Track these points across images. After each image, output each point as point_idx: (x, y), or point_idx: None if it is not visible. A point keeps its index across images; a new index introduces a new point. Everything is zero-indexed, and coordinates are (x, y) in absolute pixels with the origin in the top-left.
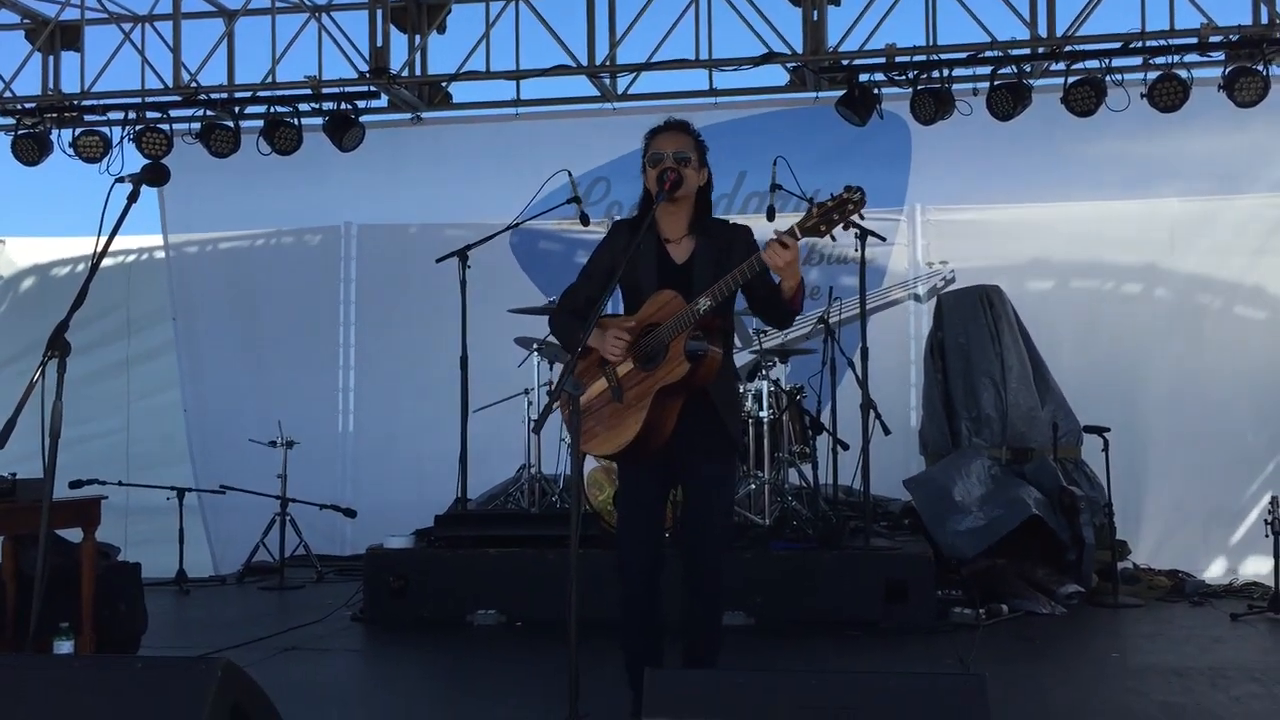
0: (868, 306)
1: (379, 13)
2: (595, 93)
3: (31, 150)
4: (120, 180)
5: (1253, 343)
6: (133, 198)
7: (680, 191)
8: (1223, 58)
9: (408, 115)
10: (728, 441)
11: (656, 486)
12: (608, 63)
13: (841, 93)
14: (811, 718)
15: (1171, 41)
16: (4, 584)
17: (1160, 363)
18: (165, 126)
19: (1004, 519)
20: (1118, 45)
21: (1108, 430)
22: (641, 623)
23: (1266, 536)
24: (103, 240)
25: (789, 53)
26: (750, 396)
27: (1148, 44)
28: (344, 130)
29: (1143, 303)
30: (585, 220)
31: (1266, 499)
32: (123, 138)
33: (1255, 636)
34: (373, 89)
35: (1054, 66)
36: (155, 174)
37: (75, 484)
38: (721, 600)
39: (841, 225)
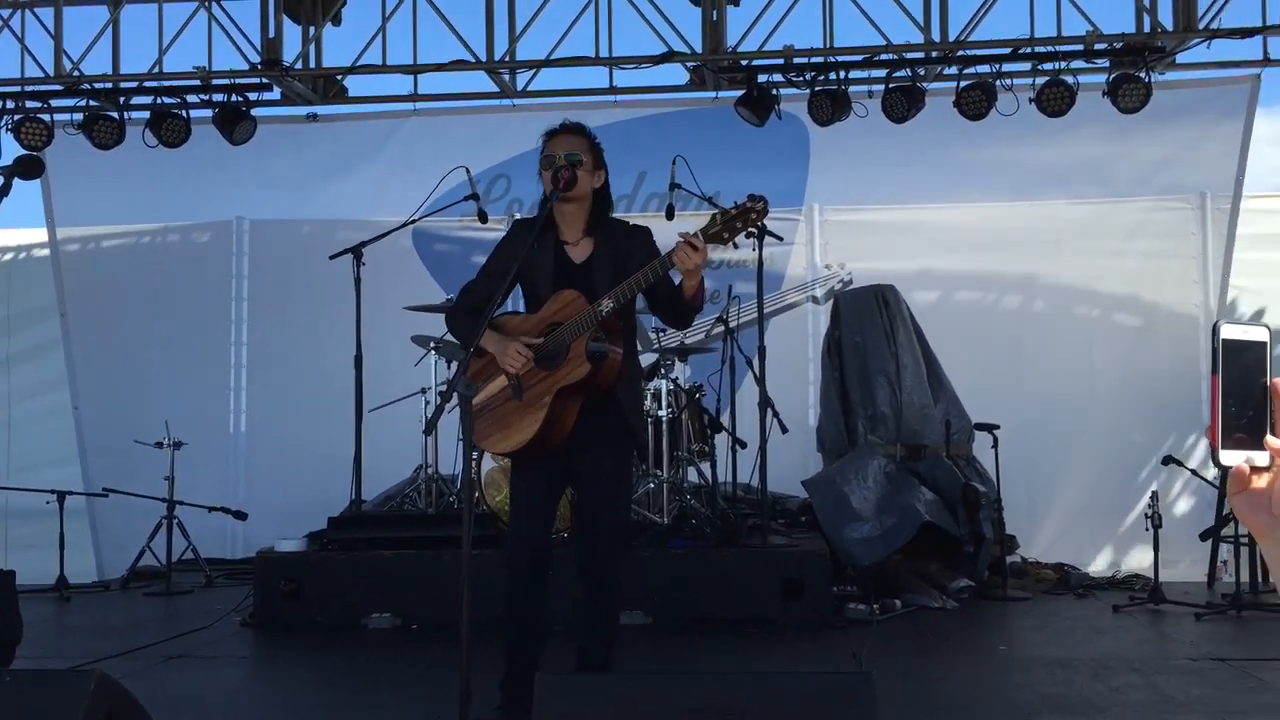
0: (766, 310)
1: (271, 2)
2: (495, 89)
3: None
4: None
5: (1131, 347)
6: (3, 191)
7: (574, 192)
8: (1108, 64)
9: (301, 110)
10: (629, 437)
11: (548, 485)
12: (507, 58)
13: (741, 93)
14: (699, 713)
15: (1059, 48)
16: None
17: (1045, 365)
18: (46, 116)
19: (897, 529)
20: (1007, 50)
21: (997, 428)
22: (524, 621)
23: (1147, 530)
24: None
25: (689, 52)
26: (650, 395)
27: (1036, 49)
28: (234, 123)
29: (1029, 305)
30: (484, 217)
31: (1148, 495)
32: (0, 128)
33: (1135, 627)
34: (265, 81)
35: (947, 70)
36: (27, 168)
37: None
38: (618, 598)
39: (744, 234)
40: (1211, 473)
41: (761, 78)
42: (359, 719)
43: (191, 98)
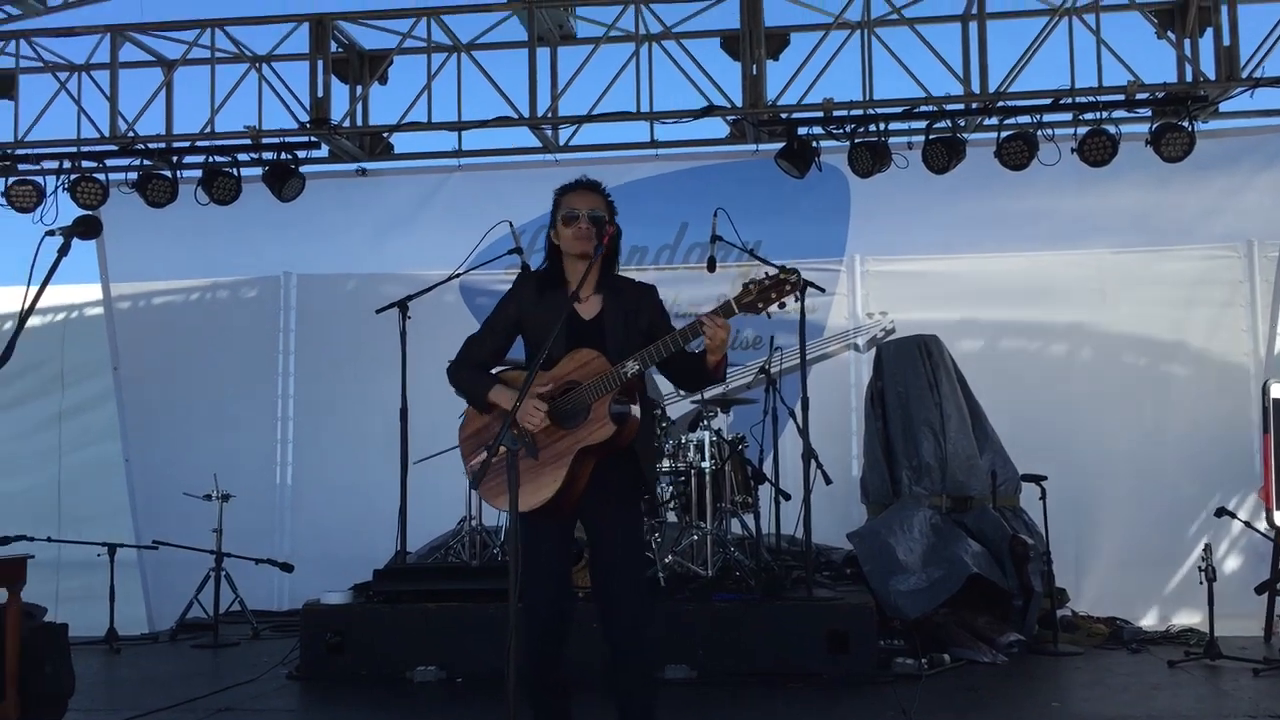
0: (808, 357)
1: (320, 63)
2: (538, 144)
3: None
4: (51, 233)
5: (1181, 397)
6: (63, 251)
7: (590, 245)
8: (1149, 114)
9: (349, 166)
10: (640, 486)
11: (561, 543)
12: (549, 114)
13: (781, 145)
14: None
15: (1100, 98)
16: None
17: (1092, 415)
18: (101, 176)
19: (945, 580)
20: (1048, 101)
21: (1045, 479)
22: (546, 677)
23: (1200, 584)
24: (32, 295)
25: (729, 106)
26: (692, 446)
27: (1077, 100)
28: (284, 180)
29: (1076, 355)
30: (527, 270)
31: (1200, 547)
32: (57, 187)
33: (1192, 683)
34: (313, 139)
35: (987, 121)
36: (87, 227)
37: (2, 540)
38: (651, 652)
39: (778, 305)
40: (1264, 525)
41: (801, 130)
42: None
43: (242, 156)
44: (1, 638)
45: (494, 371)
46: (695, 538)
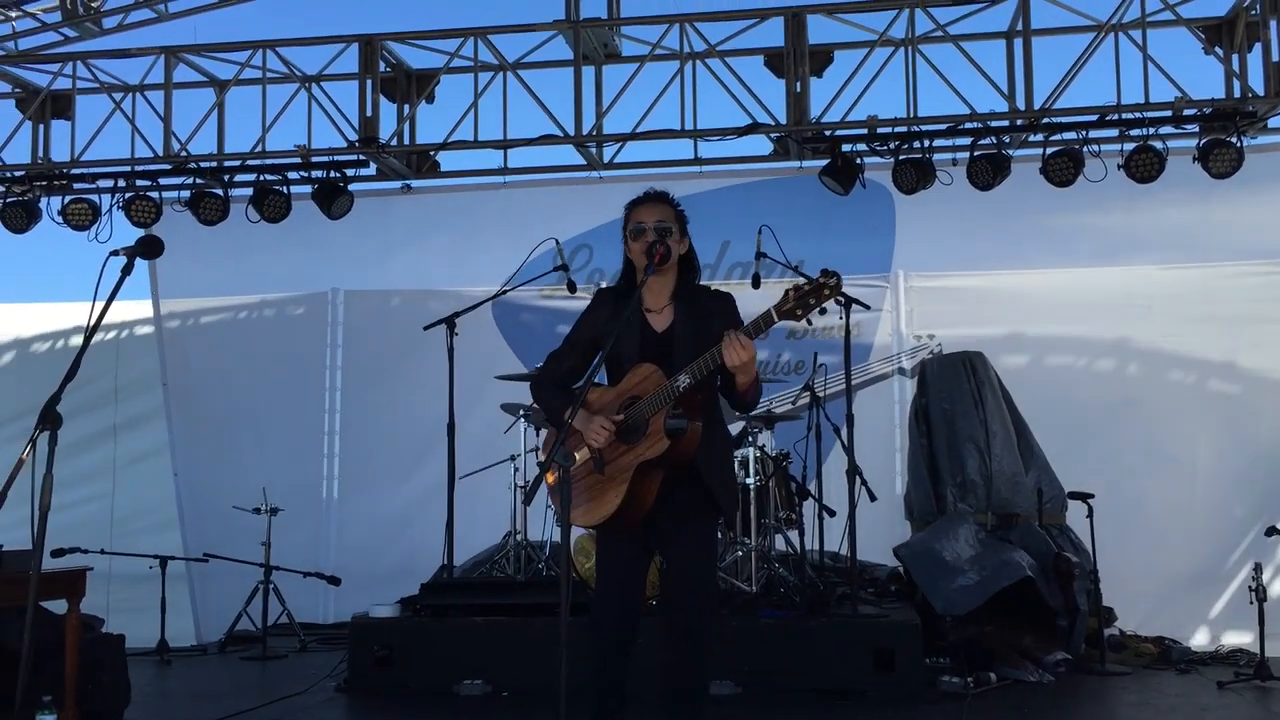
0: (855, 381)
1: (369, 83)
2: (582, 161)
3: (20, 218)
4: (115, 253)
5: (1230, 415)
6: (127, 271)
7: (666, 263)
8: (1197, 130)
9: (396, 184)
10: (711, 506)
11: (633, 553)
12: (594, 132)
13: (825, 162)
14: None
15: (1146, 114)
16: None
17: (1139, 432)
18: (155, 194)
19: (998, 575)
20: (1094, 118)
21: (1092, 496)
22: (610, 688)
23: (1251, 603)
24: (96, 313)
25: (773, 123)
26: (737, 463)
27: (1123, 116)
28: (333, 198)
29: (1122, 371)
30: (572, 287)
31: (1249, 567)
32: (112, 205)
33: (1242, 705)
34: (362, 158)
35: (1032, 138)
36: (149, 247)
37: (58, 552)
38: (705, 668)
39: (818, 310)
40: None
41: (846, 147)
42: None
43: (292, 174)
44: (61, 648)
45: (575, 388)
46: (739, 554)
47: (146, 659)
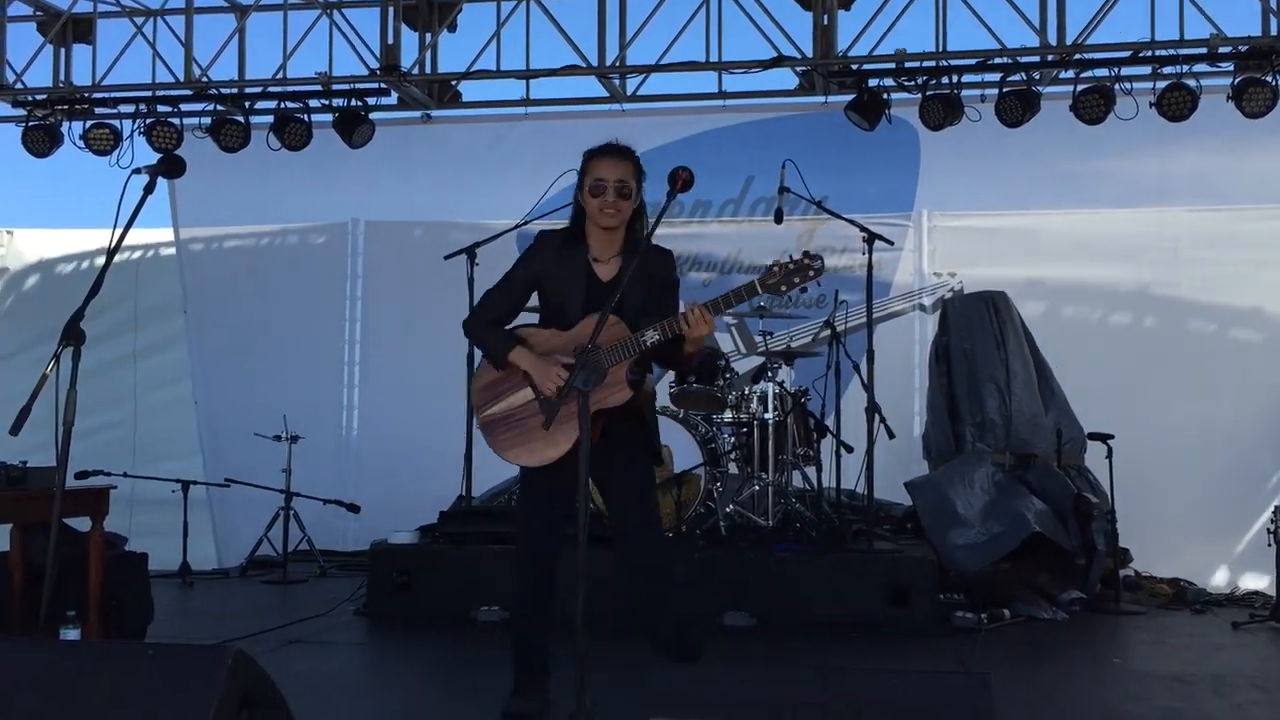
0: (874, 316)
1: (390, 10)
2: (605, 93)
3: (42, 142)
4: (137, 172)
5: (1253, 360)
6: (149, 189)
7: (616, 221)
8: (1232, 68)
9: (417, 113)
10: (652, 446)
11: (556, 495)
12: (617, 64)
13: (851, 97)
14: (817, 715)
15: (1181, 51)
16: (11, 572)
17: (1160, 376)
18: (176, 120)
19: (1004, 536)
20: (1127, 54)
21: (1111, 437)
22: (534, 621)
23: (1269, 545)
24: (119, 231)
25: (799, 56)
26: (755, 398)
27: (1157, 53)
28: (354, 127)
29: (1144, 312)
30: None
31: (1269, 511)
32: (133, 131)
33: (1256, 645)
34: (383, 86)
35: (1063, 74)
36: (171, 166)
37: (81, 475)
38: (673, 601)
39: (800, 289)
40: None
41: (872, 82)
42: (471, 706)
43: (313, 102)
44: (85, 564)
45: (512, 328)
46: (756, 489)
47: (169, 580)
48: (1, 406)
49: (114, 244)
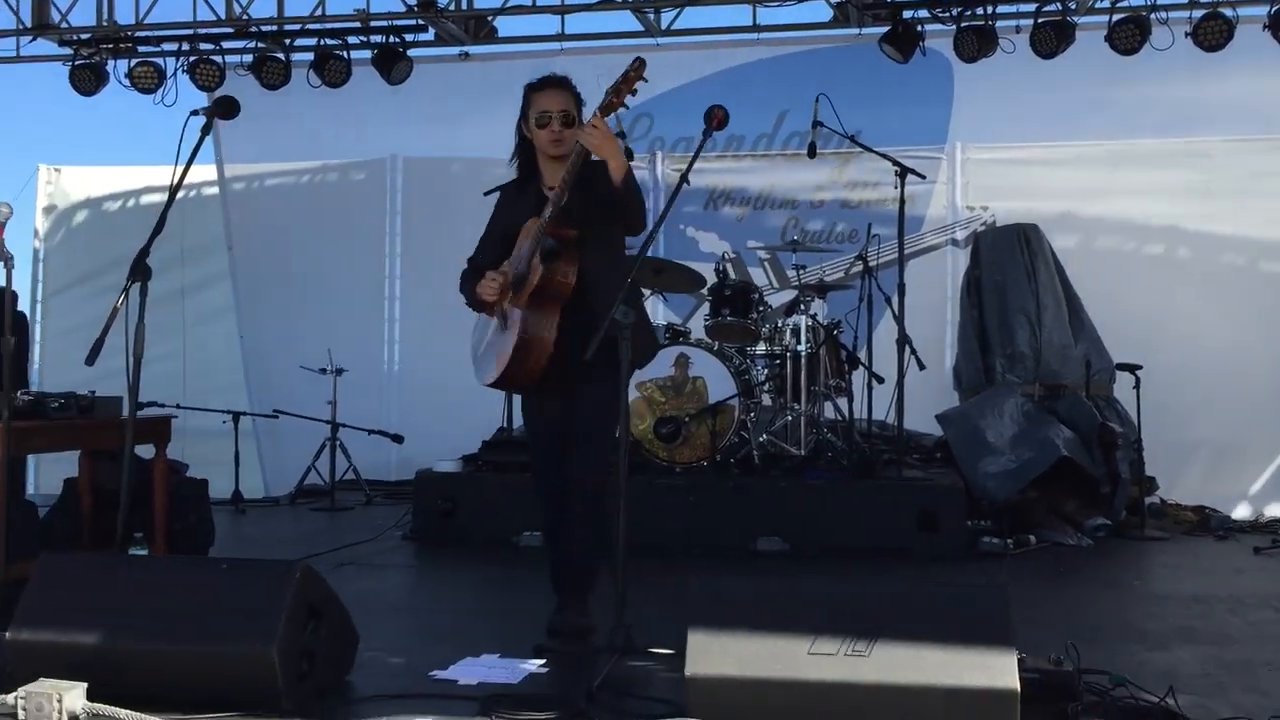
0: (907, 250)
1: None
2: (639, 28)
3: (89, 80)
4: (195, 113)
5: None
6: (206, 129)
7: (564, 150)
8: None
9: (454, 50)
10: (612, 360)
11: (555, 424)
12: None
13: (885, 29)
14: (845, 621)
15: None
16: (81, 496)
17: (1190, 308)
18: (218, 58)
19: (1034, 461)
20: None
21: (1139, 368)
22: (552, 533)
23: None
24: (179, 170)
25: None
26: (788, 331)
27: None
28: (392, 64)
29: (1177, 244)
30: (630, 155)
31: None
32: (176, 69)
33: (1276, 569)
34: (420, 23)
35: (1099, 4)
36: (227, 107)
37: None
38: (596, 520)
39: (629, 90)
40: None
41: (906, 14)
42: (515, 624)
43: (351, 39)
44: (150, 490)
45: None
46: (789, 419)
47: (221, 508)
48: (57, 338)
49: (175, 183)
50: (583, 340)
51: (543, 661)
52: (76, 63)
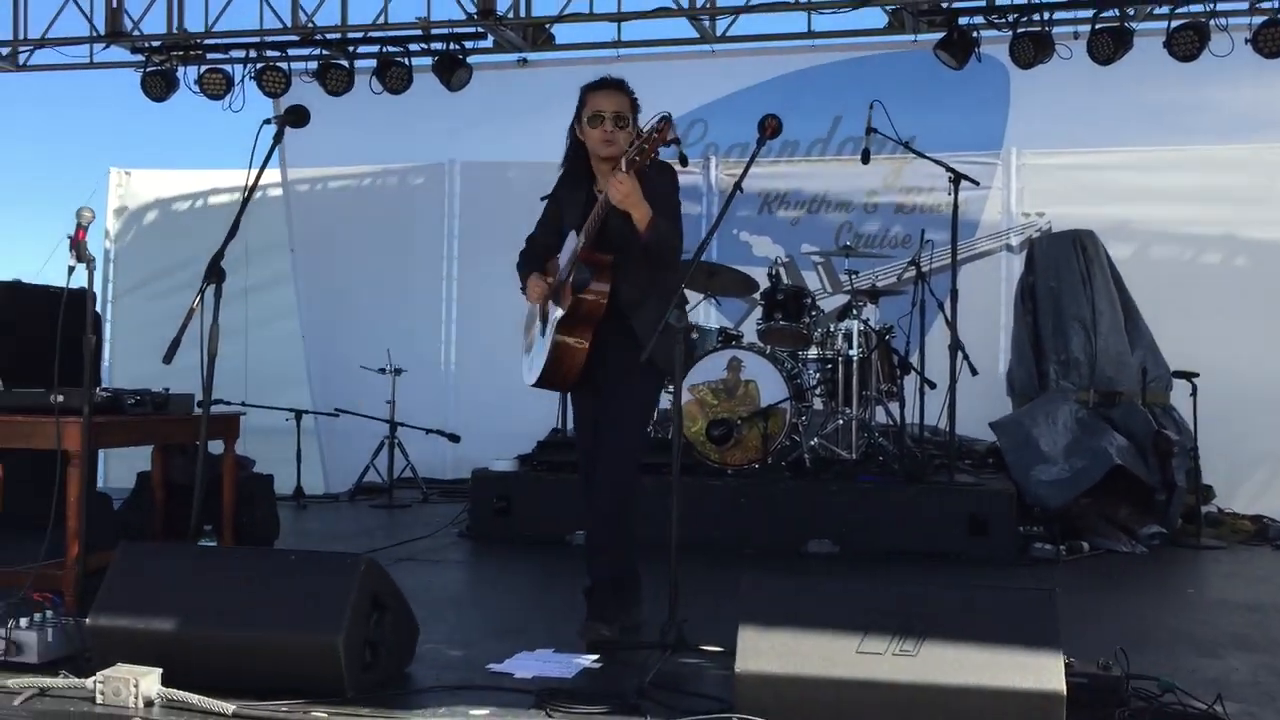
0: (961, 256)
1: None
2: (695, 34)
3: (160, 86)
4: (267, 122)
5: None
6: (278, 138)
7: (615, 151)
8: None
9: (512, 56)
10: (637, 362)
11: (590, 411)
12: (708, 5)
13: (940, 35)
14: (892, 622)
15: None
16: (154, 489)
17: (1249, 316)
18: (284, 65)
19: (1087, 470)
20: None
21: (1196, 375)
22: None
23: None
24: (253, 174)
25: None
26: (840, 335)
27: None
28: (452, 71)
29: (1235, 253)
30: (684, 161)
31: None
32: (244, 76)
33: None
34: (480, 30)
35: (1157, 10)
36: (297, 116)
37: (201, 404)
38: (620, 522)
39: (653, 150)
40: None
41: (962, 20)
42: (569, 619)
43: (413, 47)
44: (219, 484)
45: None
46: (840, 423)
47: (284, 504)
48: (128, 335)
49: (248, 188)
50: (617, 345)
51: (596, 657)
52: (148, 69)
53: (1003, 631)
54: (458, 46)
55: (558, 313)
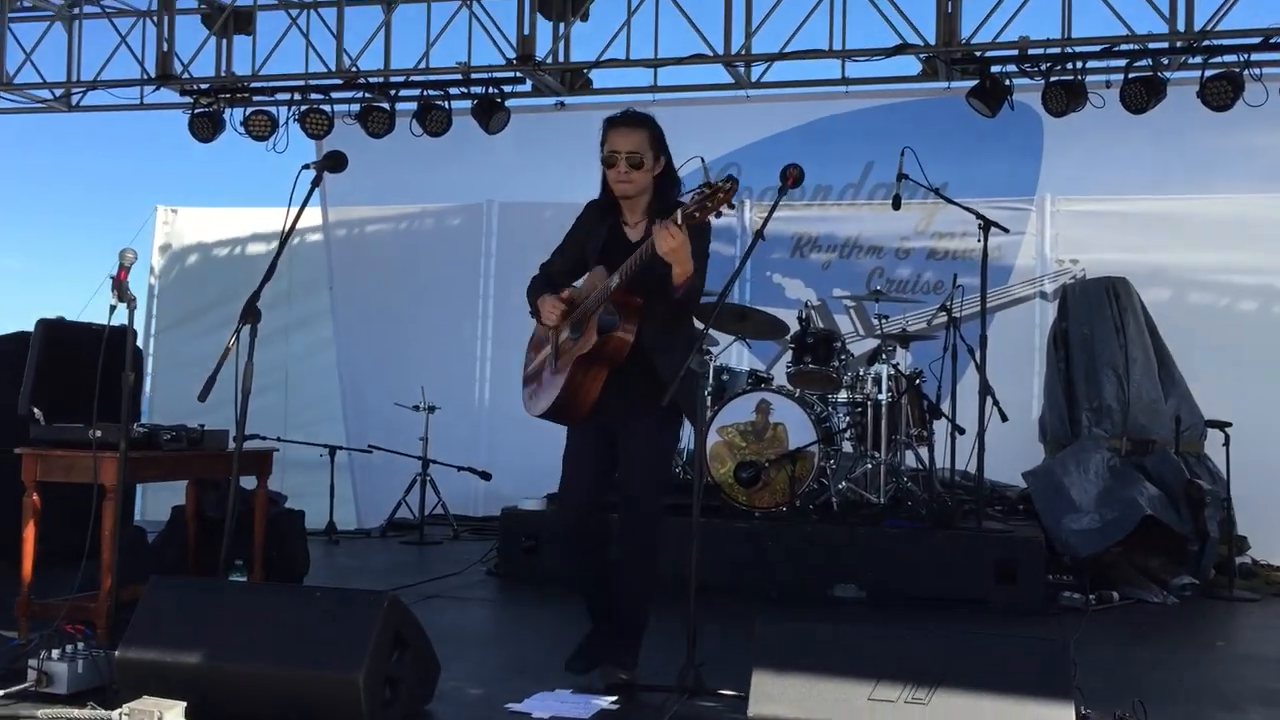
0: (993, 303)
1: (526, 1)
2: (730, 80)
3: (207, 128)
4: (306, 167)
5: None
6: (316, 182)
7: (631, 190)
8: None
9: (550, 100)
10: (657, 401)
11: (594, 445)
12: (743, 52)
13: (973, 83)
14: (905, 669)
15: None
16: (188, 523)
17: None
18: (327, 108)
19: (1118, 522)
20: (1257, 40)
21: (1229, 425)
22: (583, 568)
23: None
24: (291, 216)
25: (922, 44)
26: (870, 379)
27: None
28: (491, 114)
29: (1272, 302)
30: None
31: None
32: (288, 118)
33: None
34: (518, 75)
35: (1190, 60)
36: (335, 161)
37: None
38: (647, 560)
39: (714, 209)
40: None
41: (995, 68)
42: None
43: (453, 90)
44: (251, 519)
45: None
46: (869, 467)
47: (316, 538)
48: (169, 370)
49: (285, 232)
50: (637, 384)
51: (614, 699)
52: (196, 111)
53: (1015, 681)
54: (496, 90)
55: (578, 345)
